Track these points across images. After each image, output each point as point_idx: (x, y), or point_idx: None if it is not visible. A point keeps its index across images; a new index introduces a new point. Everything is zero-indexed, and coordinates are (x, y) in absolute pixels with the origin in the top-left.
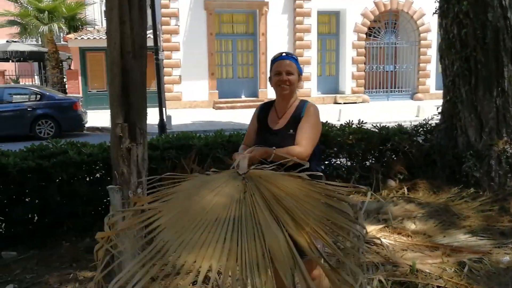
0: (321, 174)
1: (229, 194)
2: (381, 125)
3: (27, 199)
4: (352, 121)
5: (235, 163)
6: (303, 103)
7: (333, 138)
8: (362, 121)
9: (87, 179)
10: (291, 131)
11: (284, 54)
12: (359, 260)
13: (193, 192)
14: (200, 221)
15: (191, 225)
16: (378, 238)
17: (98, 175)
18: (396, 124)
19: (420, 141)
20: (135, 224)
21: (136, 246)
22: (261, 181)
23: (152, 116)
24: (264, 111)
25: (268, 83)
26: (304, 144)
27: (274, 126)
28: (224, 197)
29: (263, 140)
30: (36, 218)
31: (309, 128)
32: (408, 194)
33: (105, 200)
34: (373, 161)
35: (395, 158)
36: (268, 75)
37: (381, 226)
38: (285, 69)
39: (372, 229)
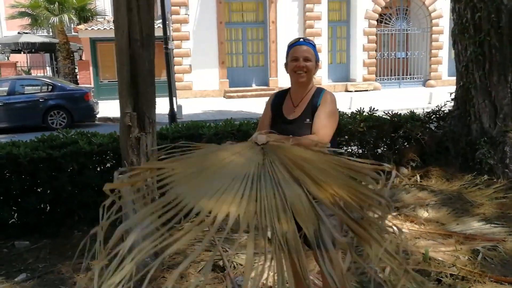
0: (342, 151)
1: (247, 160)
2: (393, 112)
3: (38, 189)
4: (363, 108)
5: (253, 136)
6: (320, 91)
7: (344, 126)
8: (374, 108)
9: (98, 169)
10: (308, 120)
11: (301, 39)
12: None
13: (209, 154)
14: (217, 177)
15: (207, 181)
16: (391, 226)
17: (108, 165)
18: (408, 111)
19: (433, 128)
20: (147, 177)
21: (146, 199)
22: (281, 151)
23: (163, 106)
24: (278, 99)
25: (279, 71)
26: (321, 133)
27: (289, 115)
28: (241, 162)
29: (279, 131)
30: (48, 208)
31: (326, 116)
32: (420, 181)
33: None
34: (385, 149)
35: (407, 146)
36: (284, 61)
37: (393, 214)
38: (303, 55)
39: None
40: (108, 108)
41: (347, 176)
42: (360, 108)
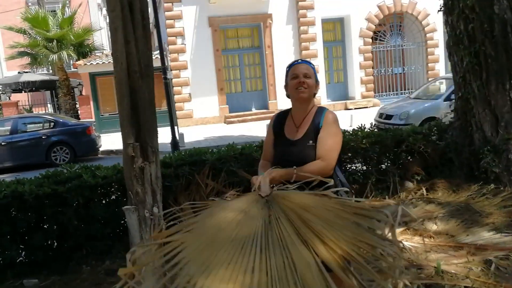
0: (347, 189)
1: (253, 220)
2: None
3: (45, 226)
4: (364, 125)
5: (256, 185)
6: (322, 110)
7: (346, 143)
8: (375, 124)
9: (103, 201)
10: (311, 142)
11: (300, 60)
12: (397, 282)
13: (215, 221)
14: (226, 252)
15: (216, 256)
16: (400, 241)
17: (113, 197)
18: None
19: (435, 140)
20: (158, 258)
21: (160, 282)
22: (286, 203)
23: (165, 135)
24: (279, 121)
25: (278, 93)
26: (327, 158)
27: (292, 136)
28: (248, 224)
29: (282, 152)
30: (55, 244)
31: (329, 139)
32: (427, 194)
33: (122, 222)
34: (388, 164)
35: (410, 159)
36: (283, 83)
37: (402, 229)
38: (302, 72)
39: None
40: (110, 141)
41: (353, 223)
42: (361, 124)
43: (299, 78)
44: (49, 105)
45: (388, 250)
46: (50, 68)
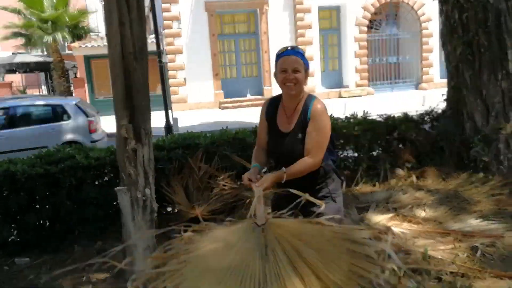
0: (340, 217)
1: (250, 251)
2: (387, 115)
3: (37, 206)
4: (357, 112)
5: (251, 210)
6: (310, 100)
7: (339, 130)
8: (367, 112)
9: (96, 183)
10: (300, 135)
11: (289, 48)
12: None
13: (213, 249)
14: (225, 286)
15: None
16: (389, 227)
17: (106, 178)
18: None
19: (427, 129)
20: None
21: None
22: (281, 233)
23: (159, 120)
24: (271, 108)
25: (273, 80)
26: (314, 153)
27: (283, 126)
28: (246, 255)
29: (274, 143)
30: (47, 224)
31: (316, 134)
32: (417, 182)
33: (115, 203)
34: (380, 151)
35: (402, 147)
36: (273, 70)
37: (391, 215)
38: (292, 67)
39: (382, 218)
40: (105, 124)
41: (347, 251)
42: (354, 112)
43: (288, 74)
44: (43, 87)
45: (381, 281)
46: (44, 49)
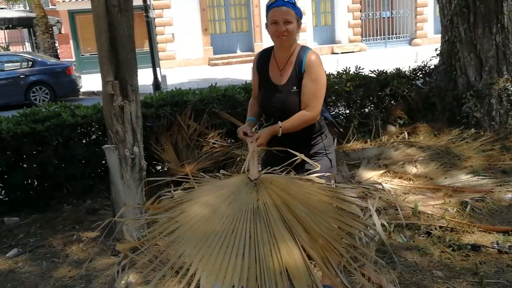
0: (329, 174)
1: (243, 204)
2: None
3: (24, 165)
4: (350, 67)
5: (245, 165)
6: (304, 52)
7: (330, 86)
8: (360, 67)
9: (83, 141)
10: (295, 88)
11: None
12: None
13: (207, 200)
14: (217, 234)
15: (208, 239)
16: (380, 183)
17: (94, 136)
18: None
19: (419, 85)
20: (155, 235)
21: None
22: (273, 188)
23: (146, 77)
24: (262, 61)
25: (264, 35)
26: (312, 106)
27: (276, 79)
28: (238, 207)
29: (266, 97)
30: (35, 183)
31: (313, 86)
32: (408, 138)
33: (103, 162)
34: (372, 108)
35: (394, 103)
36: (264, 21)
37: (382, 171)
38: (283, 18)
39: (373, 174)
40: (92, 82)
41: (336, 208)
42: (346, 67)
43: (279, 26)
44: (27, 43)
45: (365, 238)
46: (27, 4)
